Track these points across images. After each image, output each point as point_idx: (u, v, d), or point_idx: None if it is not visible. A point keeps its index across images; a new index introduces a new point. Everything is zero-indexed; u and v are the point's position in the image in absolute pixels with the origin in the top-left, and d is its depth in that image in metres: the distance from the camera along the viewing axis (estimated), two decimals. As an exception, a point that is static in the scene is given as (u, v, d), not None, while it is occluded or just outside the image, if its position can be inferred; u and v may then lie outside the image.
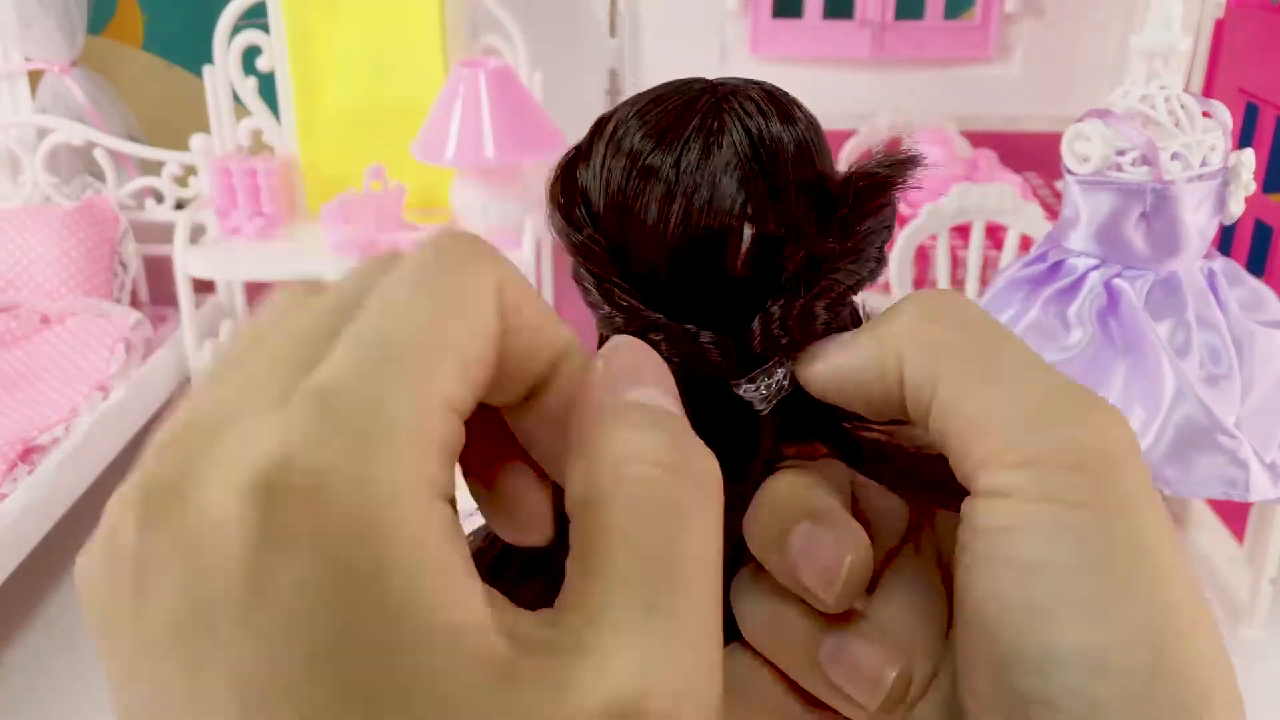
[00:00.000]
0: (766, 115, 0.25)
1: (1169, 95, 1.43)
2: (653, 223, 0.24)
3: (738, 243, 0.24)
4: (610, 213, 0.25)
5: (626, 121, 0.25)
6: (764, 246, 0.24)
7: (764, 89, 0.25)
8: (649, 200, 0.24)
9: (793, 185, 0.24)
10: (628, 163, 0.24)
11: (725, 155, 0.24)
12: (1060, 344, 1.44)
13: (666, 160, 0.24)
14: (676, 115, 0.24)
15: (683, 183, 0.24)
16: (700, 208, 0.24)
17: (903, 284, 1.93)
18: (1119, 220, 1.43)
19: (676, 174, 0.24)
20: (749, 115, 0.24)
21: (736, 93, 0.25)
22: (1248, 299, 1.49)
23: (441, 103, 2.14)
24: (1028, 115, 2.59)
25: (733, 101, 0.25)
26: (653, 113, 0.25)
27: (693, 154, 0.24)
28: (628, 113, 0.25)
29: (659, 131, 0.24)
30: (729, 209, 0.24)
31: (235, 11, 2.30)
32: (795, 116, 0.25)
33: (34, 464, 1.92)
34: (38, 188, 2.49)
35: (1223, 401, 1.39)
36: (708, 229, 0.24)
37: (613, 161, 0.25)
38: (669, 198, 0.24)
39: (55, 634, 1.98)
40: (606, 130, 0.25)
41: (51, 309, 2.31)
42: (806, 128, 0.25)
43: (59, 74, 2.50)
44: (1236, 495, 1.41)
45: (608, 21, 2.51)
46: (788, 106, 0.25)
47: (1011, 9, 2.50)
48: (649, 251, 0.24)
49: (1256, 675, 1.88)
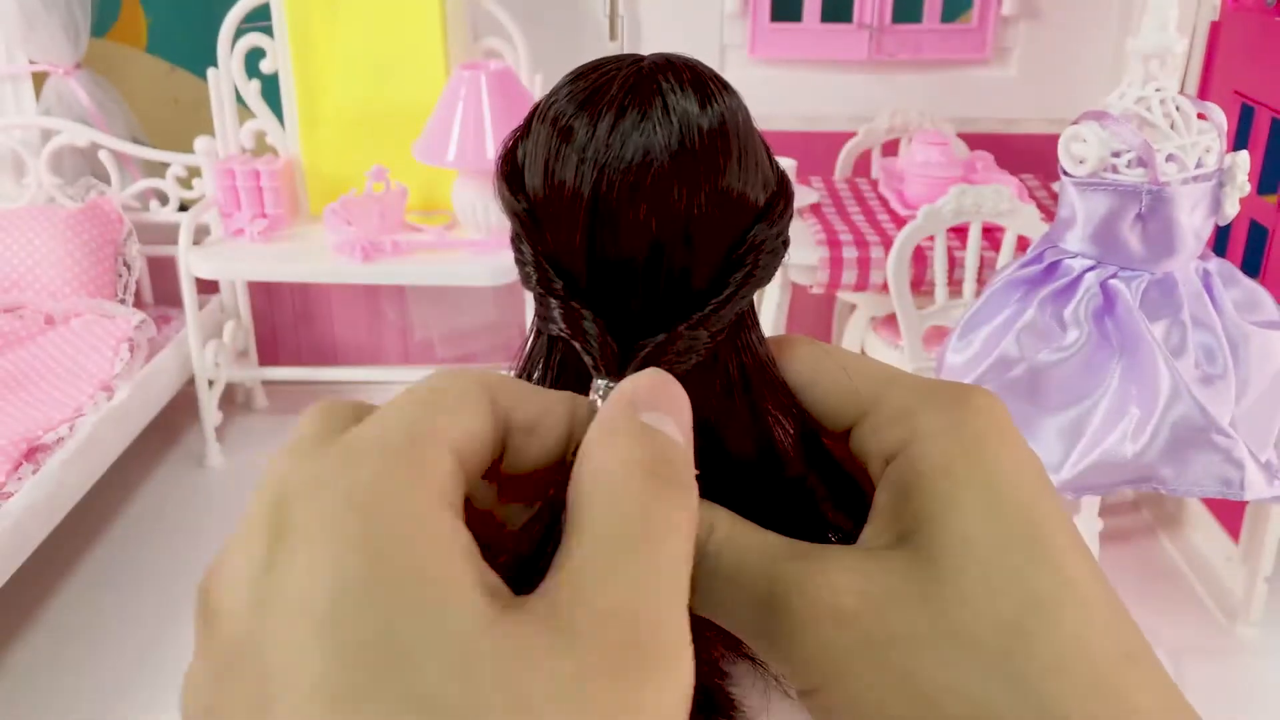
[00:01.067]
0: (686, 92, 0.25)
1: (1165, 97, 1.44)
2: (569, 185, 0.25)
3: (642, 215, 0.25)
4: (536, 179, 0.26)
5: (558, 92, 0.26)
6: (666, 221, 0.25)
7: (693, 68, 0.26)
8: (565, 163, 0.25)
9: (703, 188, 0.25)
10: (551, 129, 0.25)
11: (641, 123, 0.25)
12: (1056, 344, 1.45)
13: (583, 125, 0.25)
14: (601, 86, 0.25)
15: (594, 147, 0.25)
16: (611, 174, 0.24)
17: (900, 285, 1.94)
18: (1115, 221, 1.44)
19: (591, 138, 0.25)
20: (671, 89, 0.25)
21: (661, 67, 0.25)
22: (1243, 299, 1.50)
23: (443, 104, 2.15)
24: (1024, 117, 2.60)
25: (657, 76, 0.25)
26: (580, 84, 0.26)
27: (608, 120, 0.25)
28: (562, 83, 0.26)
29: (580, 100, 0.25)
30: (637, 176, 0.25)
31: (238, 14, 2.31)
32: (717, 98, 0.25)
33: (38, 463, 1.93)
34: (42, 189, 2.51)
35: (1218, 401, 1.40)
36: (615, 193, 0.25)
37: (540, 128, 0.26)
38: (582, 161, 0.25)
39: (58, 632, 1.98)
40: (542, 104, 0.26)
41: (56, 309, 2.32)
42: (727, 110, 0.25)
43: (63, 76, 2.51)
44: (1232, 494, 1.42)
45: (607, 24, 2.53)
46: (710, 86, 0.25)
47: (1008, 11, 2.51)
48: (565, 216, 0.25)
49: (1253, 672, 1.89)
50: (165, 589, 2.07)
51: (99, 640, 1.96)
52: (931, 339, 2.02)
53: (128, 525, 2.28)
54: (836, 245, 2.05)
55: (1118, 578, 2.05)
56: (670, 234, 0.25)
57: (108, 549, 2.20)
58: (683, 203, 0.25)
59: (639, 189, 0.25)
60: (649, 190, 0.25)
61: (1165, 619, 2.00)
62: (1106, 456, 1.41)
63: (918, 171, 2.20)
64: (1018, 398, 1.45)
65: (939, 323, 1.98)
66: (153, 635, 1.96)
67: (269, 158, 2.39)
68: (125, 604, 2.05)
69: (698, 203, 0.25)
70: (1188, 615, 2.02)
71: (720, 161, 0.25)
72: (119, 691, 1.85)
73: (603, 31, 2.53)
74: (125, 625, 1.99)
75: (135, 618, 2.00)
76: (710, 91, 0.25)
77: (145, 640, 1.95)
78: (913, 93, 2.57)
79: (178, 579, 2.06)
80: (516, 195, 0.26)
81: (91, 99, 2.52)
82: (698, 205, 0.25)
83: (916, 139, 2.29)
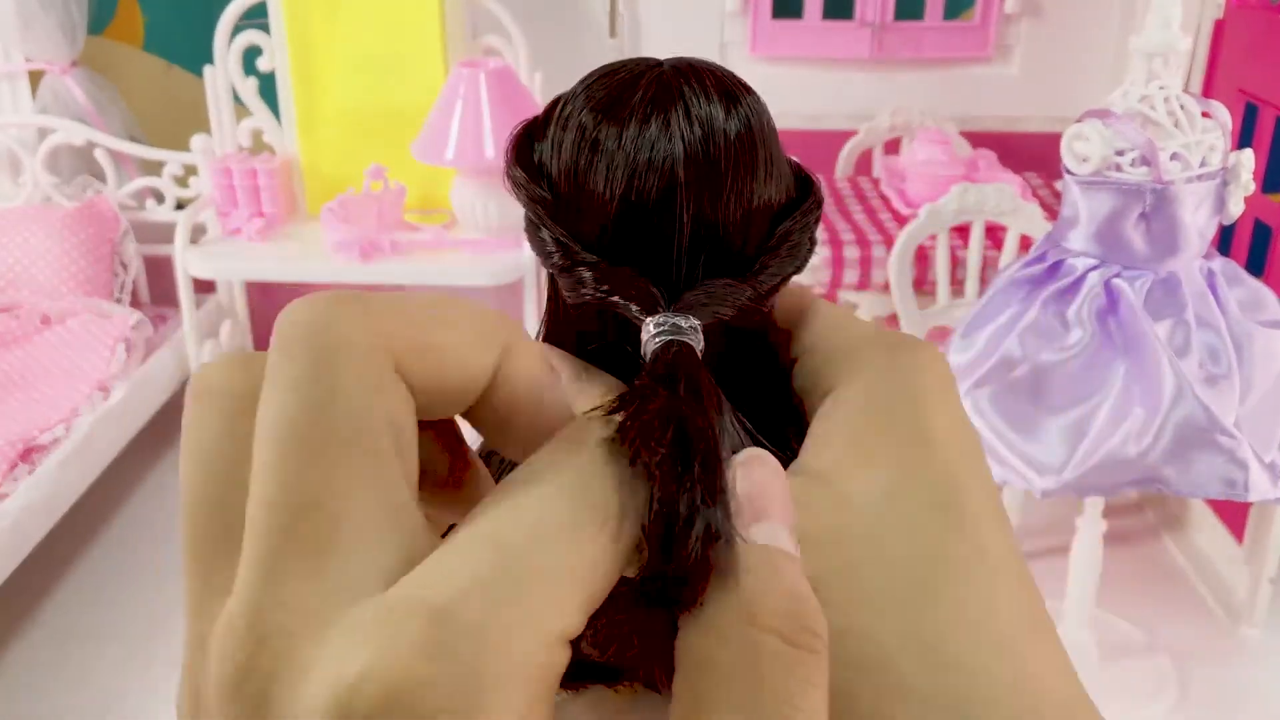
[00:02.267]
0: (710, 97, 0.25)
1: (1168, 95, 1.43)
2: (597, 193, 0.25)
3: (674, 219, 0.25)
4: (561, 180, 0.26)
5: (576, 97, 0.26)
6: (697, 226, 0.25)
7: (715, 72, 0.26)
8: (593, 171, 0.25)
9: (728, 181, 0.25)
10: (576, 135, 0.25)
11: (668, 130, 0.25)
12: (1060, 344, 1.44)
13: (609, 133, 0.25)
14: (621, 90, 0.25)
15: (625, 154, 0.25)
16: (639, 182, 0.25)
17: (902, 284, 1.93)
18: (1118, 220, 1.43)
19: (619, 145, 0.25)
20: (694, 95, 0.25)
21: (683, 71, 0.25)
22: (1247, 299, 1.49)
23: (442, 103, 2.14)
24: (1027, 115, 2.59)
25: (679, 80, 0.25)
26: (600, 88, 0.26)
27: (633, 128, 0.25)
28: (579, 89, 0.26)
29: (604, 106, 0.25)
30: (669, 183, 0.25)
31: (236, 12, 2.30)
32: (740, 101, 0.25)
33: (35, 463, 1.92)
34: (38, 188, 2.50)
35: (1222, 401, 1.39)
36: (647, 201, 0.25)
37: (562, 135, 0.26)
38: (612, 168, 0.25)
39: (56, 632, 1.98)
40: (559, 107, 0.26)
41: (52, 309, 2.31)
42: (750, 114, 0.25)
43: (60, 74, 2.50)
44: (1236, 495, 1.41)
45: (608, 22, 2.52)
46: (734, 90, 0.26)
47: (1011, 9, 2.51)
48: (596, 217, 0.25)
49: (1256, 674, 1.88)
50: (162, 589, 2.06)
51: (96, 640, 1.96)
52: (934, 339, 2.01)
53: (125, 526, 2.27)
54: (838, 244, 2.04)
55: (1121, 579, 2.04)
56: (699, 239, 0.25)
57: (105, 549, 2.20)
58: (711, 209, 0.25)
59: (668, 196, 0.25)
60: (679, 196, 0.25)
61: (1169, 620, 1.99)
62: (1110, 457, 1.40)
63: (920, 170, 2.19)
64: (1021, 398, 1.44)
65: (941, 322, 1.97)
66: (150, 635, 1.95)
67: (266, 156, 2.38)
68: (122, 604, 2.04)
69: (726, 208, 0.25)
70: (1191, 616, 2.02)
71: (747, 166, 0.25)
72: (117, 691, 1.84)
73: (602, 29, 2.52)
74: (122, 625, 1.98)
75: (132, 618, 2.00)
76: (735, 96, 0.25)
77: (142, 640, 1.94)
78: (915, 91, 2.56)
79: (175, 579, 2.05)
80: (539, 184, 0.26)
81: (88, 97, 2.51)
82: (726, 211, 0.25)
83: (918, 137, 2.28)
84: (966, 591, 0.22)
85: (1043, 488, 1.43)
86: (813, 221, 0.27)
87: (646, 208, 0.25)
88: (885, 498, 0.23)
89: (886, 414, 0.24)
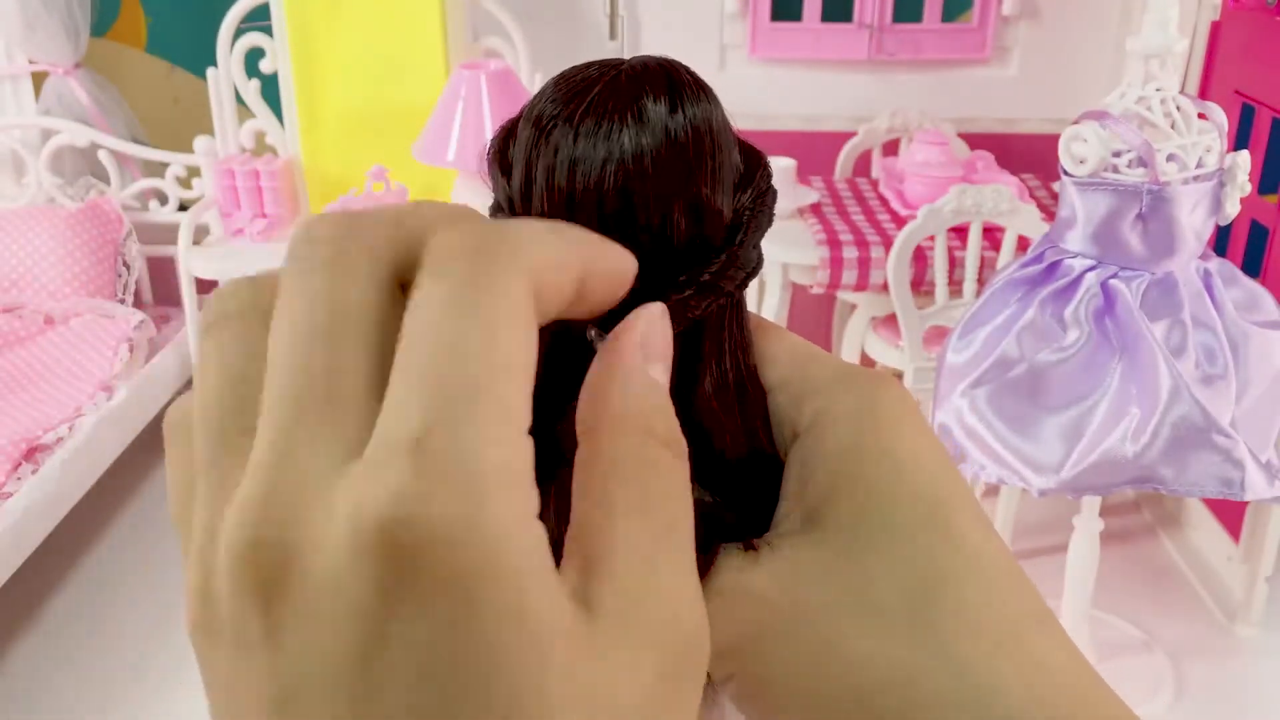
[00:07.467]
0: (660, 97, 0.26)
1: (1165, 97, 1.44)
2: (551, 185, 0.26)
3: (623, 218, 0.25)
4: (521, 177, 0.27)
5: (543, 96, 0.27)
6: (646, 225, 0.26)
7: (670, 73, 0.26)
8: (543, 165, 0.26)
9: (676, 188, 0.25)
10: (533, 130, 0.26)
11: (618, 129, 0.25)
12: (1057, 344, 1.45)
13: (565, 130, 0.25)
14: (579, 89, 0.26)
15: (575, 151, 0.25)
16: (584, 177, 0.25)
17: (900, 285, 1.94)
18: (1115, 221, 1.44)
19: (572, 141, 0.25)
20: (647, 95, 0.26)
21: (638, 71, 0.26)
22: (1243, 299, 1.50)
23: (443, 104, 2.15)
24: (1025, 117, 2.60)
25: (634, 80, 0.26)
26: (562, 87, 0.26)
27: (585, 124, 0.25)
28: (547, 88, 0.27)
29: (562, 103, 0.26)
30: (616, 182, 0.25)
31: (238, 14, 2.31)
32: (691, 101, 0.26)
33: (38, 463, 1.93)
34: (42, 189, 2.51)
35: (1218, 401, 1.40)
36: (596, 200, 0.25)
37: (524, 133, 0.27)
38: (557, 163, 0.25)
39: (58, 633, 1.99)
40: (528, 105, 0.27)
41: (55, 309, 2.32)
42: (699, 114, 0.26)
43: (63, 76, 2.51)
44: (1232, 495, 1.42)
45: (608, 24, 2.53)
46: (686, 90, 0.26)
47: (1009, 11, 2.51)
48: (552, 214, 0.26)
49: (1253, 672, 1.89)
50: (164, 589, 2.07)
51: (98, 640, 1.96)
52: (932, 339, 2.02)
53: (127, 525, 2.28)
54: (836, 245, 2.05)
55: (1118, 578, 2.05)
56: (647, 237, 0.26)
57: (107, 549, 2.20)
58: (653, 208, 0.25)
59: (611, 192, 0.25)
60: (621, 193, 0.25)
61: (1165, 619, 2.00)
62: (1107, 456, 1.41)
63: (918, 171, 2.20)
64: (1018, 398, 1.45)
65: (939, 323, 1.98)
66: (151, 635, 1.96)
67: (269, 158, 2.39)
68: (124, 604, 2.05)
69: (667, 209, 0.25)
70: (1188, 615, 2.02)
71: (691, 167, 0.26)
72: (118, 691, 1.84)
73: (603, 31, 2.53)
74: (124, 625, 1.99)
75: (134, 618, 2.00)
76: (683, 96, 0.26)
77: (144, 640, 1.95)
78: (913, 92, 2.57)
79: (177, 579, 2.06)
80: (507, 180, 0.27)
81: (91, 99, 2.52)
82: (667, 211, 0.25)
83: (917, 139, 2.28)
84: (965, 600, 0.24)
85: (1040, 487, 1.44)
86: (754, 230, 0.27)
87: (596, 206, 0.25)
88: (874, 528, 0.24)
89: (855, 451, 0.25)
